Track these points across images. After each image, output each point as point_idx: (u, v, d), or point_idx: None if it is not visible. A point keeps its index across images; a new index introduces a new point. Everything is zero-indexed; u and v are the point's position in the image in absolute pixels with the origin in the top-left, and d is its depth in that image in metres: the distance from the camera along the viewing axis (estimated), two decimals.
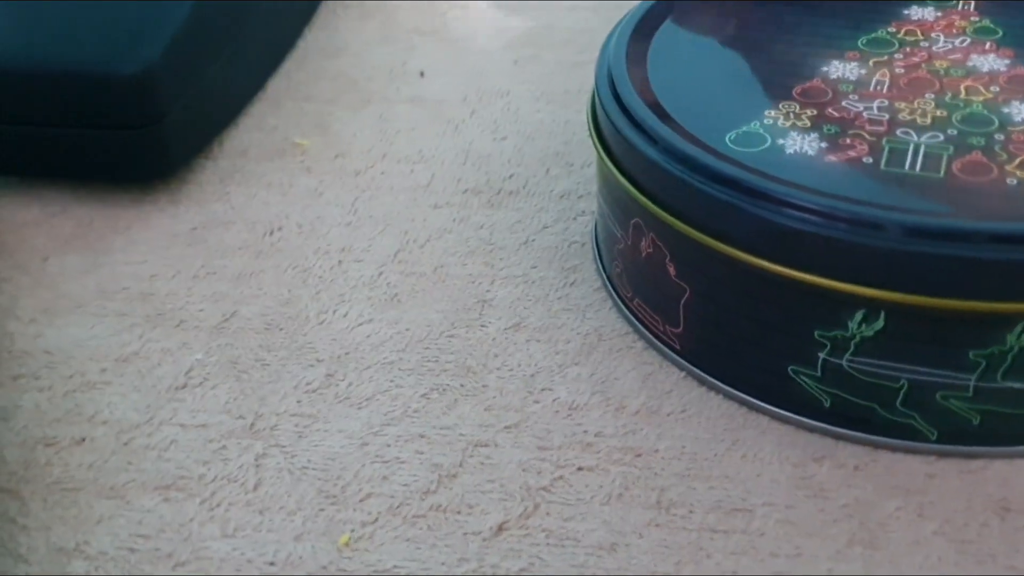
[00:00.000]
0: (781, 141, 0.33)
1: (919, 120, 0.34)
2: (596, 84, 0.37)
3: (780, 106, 0.35)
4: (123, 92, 0.43)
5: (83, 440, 0.35)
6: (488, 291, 0.40)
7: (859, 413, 0.32)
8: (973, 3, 0.40)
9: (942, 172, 0.31)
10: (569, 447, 0.34)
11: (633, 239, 0.35)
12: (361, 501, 0.32)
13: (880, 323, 0.30)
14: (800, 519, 0.31)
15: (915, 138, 0.33)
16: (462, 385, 0.36)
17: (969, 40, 0.38)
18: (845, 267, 0.30)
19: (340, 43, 0.57)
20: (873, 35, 0.38)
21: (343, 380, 0.36)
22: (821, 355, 0.31)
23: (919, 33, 0.39)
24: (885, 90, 0.35)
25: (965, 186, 0.31)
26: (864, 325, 0.30)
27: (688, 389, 0.35)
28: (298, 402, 0.36)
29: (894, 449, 0.32)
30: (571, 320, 0.38)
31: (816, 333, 0.31)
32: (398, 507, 0.32)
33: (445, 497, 0.32)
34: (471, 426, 0.35)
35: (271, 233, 0.43)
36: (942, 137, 0.33)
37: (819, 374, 0.31)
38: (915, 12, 0.40)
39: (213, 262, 0.42)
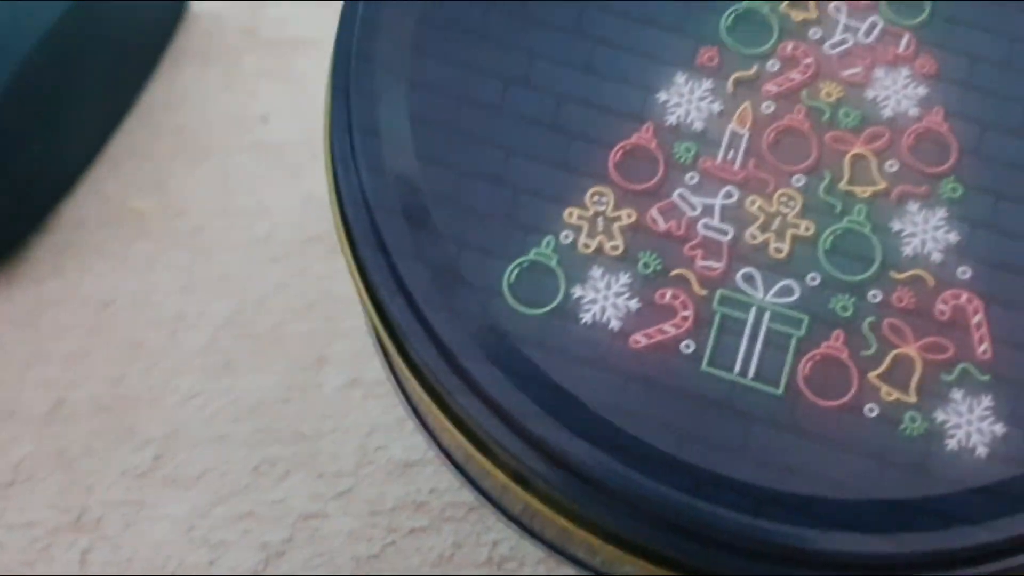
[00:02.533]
0: (578, 292, 0.23)
1: (773, 249, 0.23)
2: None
3: (588, 198, 0.24)
4: None
5: None
6: (326, 347, 0.39)
7: None
8: None
9: (782, 384, 0.22)
10: (402, 509, 0.33)
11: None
12: None
13: None
14: None
15: (759, 295, 0.23)
16: (294, 454, 0.35)
17: (880, 27, 0.25)
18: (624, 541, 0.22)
19: (182, 94, 0.55)
20: (745, 5, 0.25)
21: (171, 461, 0.36)
22: None
23: (812, 7, 0.25)
24: (739, 161, 0.24)
25: (808, 420, 0.22)
26: None
27: None
28: (126, 488, 0.35)
29: None
30: None
31: None
32: None
33: None
34: (301, 498, 0.34)
35: (104, 307, 0.42)
36: (797, 293, 0.23)
37: None
38: None
39: (45, 345, 0.41)
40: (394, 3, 0.26)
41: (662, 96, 0.24)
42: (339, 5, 0.61)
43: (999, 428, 0.22)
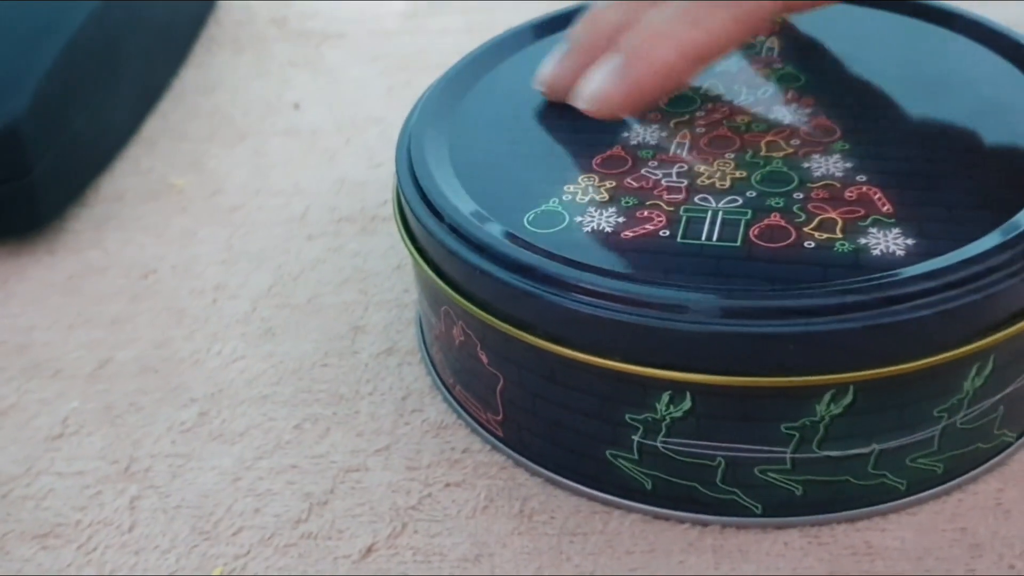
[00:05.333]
0: (579, 218, 0.33)
1: (718, 184, 0.34)
2: (396, 160, 0.36)
3: (580, 180, 0.34)
4: None
5: None
6: (361, 318, 0.41)
7: (681, 493, 0.32)
8: (776, 49, 0.40)
9: (739, 240, 0.31)
10: (437, 465, 0.35)
11: (445, 326, 0.34)
12: (234, 535, 0.33)
13: (687, 404, 0.30)
14: (658, 518, 0.32)
15: (713, 204, 0.33)
16: (334, 413, 0.37)
17: (771, 90, 0.38)
18: (643, 350, 0.29)
19: (215, 79, 0.57)
20: (675, 92, 0.38)
21: (217, 418, 0.37)
22: (635, 438, 0.31)
23: (722, 87, 0.39)
24: (685, 153, 0.35)
25: (763, 254, 0.31)
26: (672, 407, 0.30)
27: None
28: (172, 442, 0.36)
29: (724, 526, 0.32)
30: None
31: (627, 416, 0.31)
32: (270, 538, 0.33)
33: (316, 525, 0.33)
34: (342, 453, 0.35)
35: (146, 276, 0.44)
36: (740, 201, 0.33)
37: (636, 457, 0.31)
38: (719, 63, 0.39)
39: (89, 309, 0.43)
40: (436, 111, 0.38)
41: (625, 133, 0.37)
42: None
43: (910, 241, 0.31)
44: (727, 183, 0.34)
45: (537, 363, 0.31)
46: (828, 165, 0.34)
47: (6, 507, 0.35)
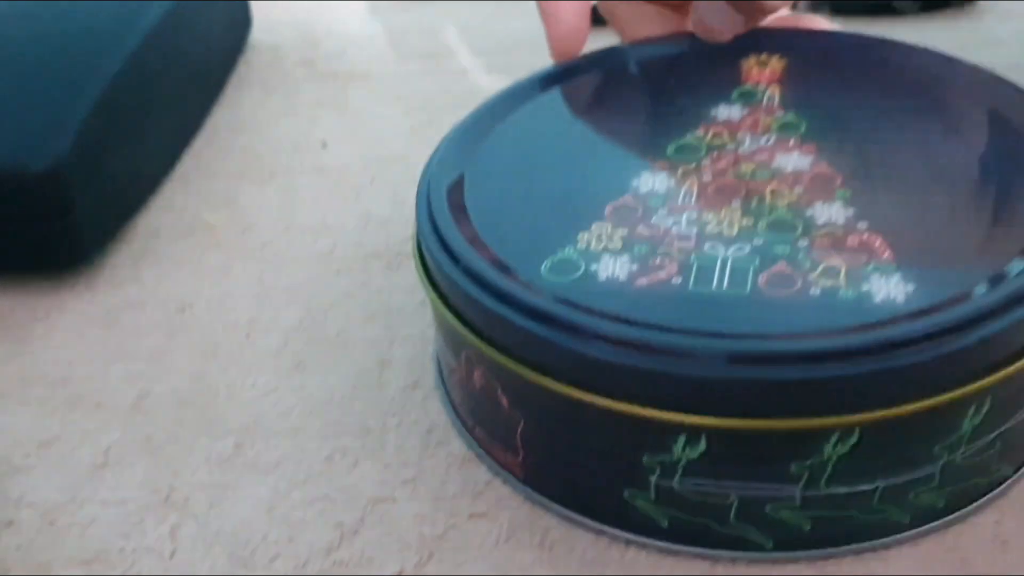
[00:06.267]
0: (594, 267, 0.34)
1: (726, 231, 0.35)
2: (416, 207, 0.38)
3: (593, 227, 0.36)
4: (33, 188, 0.45)
5: (11, 523, 0.37)
6: (387, 352, 0.43)
7: (696, 529, 0.33)
8: (777, 97, 0.41)
9: (748, 288, 0.33)
10: (462, 497, 0.37)
11: (466, 369, 0.36)
12: (270, 562, 0.35)
13: (702, 446, 0.31)
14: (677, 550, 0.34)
15: (722, 252, 0.34)
16: (363, 445, 0.39)
17: (774, 138, 0.40)
18: (660, 395, 0.31)
19: (246, 119, 0.59)
20: (682, 141, 0.40)
21: (251, 449, 0.39)
22: (652, 479, 0.32)
23: (726, 135, 0.40)
24: (693, 201, 0.37)
25: (771, 301, 0.32)
26: (688, 449, 0.31)
27: None
28: (210, 473, 0.38)
29: (734, 560, 0.34)
30: None
31: (644, 458, 0.32)
32: (304, 565, 0.35)
33: (347, 552, 0.35)
34: (371, 483, 0.37)
35: (182, 311, 0.46)
36: (748, 248, 0.34)
37: (654, 496, 0.33)
38: (722, 112, 0.41)
39: (127, 343, 0.45)
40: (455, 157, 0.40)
41: (635, 182, 0.38)
42: (389, 40, 0.65)
43: (910, 287, 0.32)
44: (735, 230, 0.35)
45: (557, 407, 0.33)
46: (830, 213, 0.36)
47: (53, 534, 0.37)
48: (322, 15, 0.70)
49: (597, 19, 0.46)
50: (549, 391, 0.32)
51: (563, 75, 0.44)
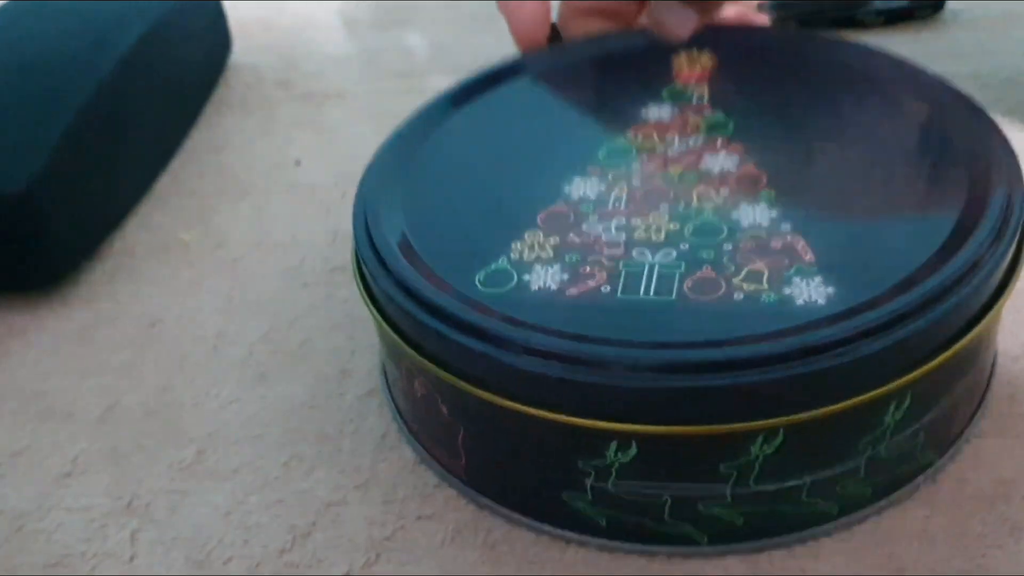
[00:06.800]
0: (527, 277, 0.35)
1: (653, 237, 0.36)
2: (353, 222, 0.38)
3: (525, 236, 0.36)
4: (6, 210, 0.47)
5: None
6: (348, 362, 0.44)
7: (632, 527, 0.34)
8: (707, 95, 0.43)
9: (674, 294, 0.34)
10: (411, 499, 0.38)
11: (406, 380, 0.37)
12: (224, 564, 0.36)
13: (633, 451, 0.32)
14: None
15: (649, 258, 0.35)
16: (319, 452, 0.40)
17: (703, 139, 0.40)
18: (590, 405, 0.32)
19: (224, 139, 0.61)
20: (613, 145, 0.41)
21: (212, 456, 0.40)
22: (588, 481, 0.33)
23: (656, 137, 0.41)
24: (623, 206, 0.37)
25: (696, 306, 0.33)
26: (619, 454, 0.32)
27: None
28: (171, 480, 0.40)
29: (670, 555, 0.35)
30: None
31: (579, 463, 0.33)
32: (256, 566, 0.36)
33: (299, 554, 0.36)
34: (325, 488, 0.38)
35: (153, 326, 0.47)
36: (675, 254, 0.35)
37: (590, 497, 0.34)
38: (653, 112, 0.42)
39: (100, 357, 0.46)
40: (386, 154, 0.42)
41: (567, 188, 0.39)
42: (365, 61, 0.66)
43: (830, 289, 0.33)
44: (662, 236, 0.36)
45: (493, 416, 0.34)
46: (755, 214, 0.36)
47: (20, 540, 0.38)
48: (301, 37, 0.72)
49: (556, 37, 0.47)
50: (484, 402, 0.33)
51: (500, 77, 0.45)
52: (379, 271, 0.36)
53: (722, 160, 0.39)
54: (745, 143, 0.40)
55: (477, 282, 0.35)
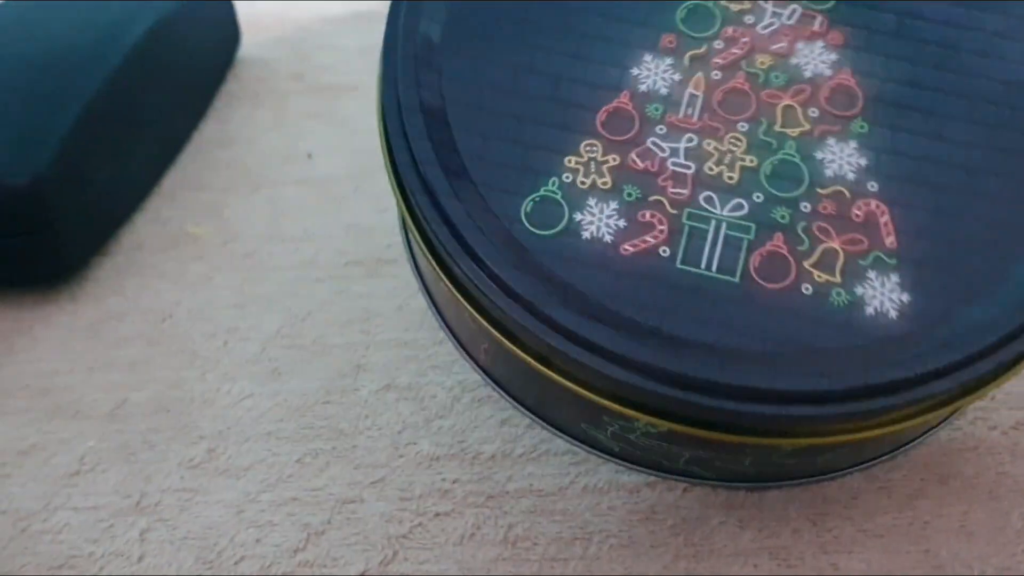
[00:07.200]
0: (579, 217, 0.30)
1: (726, 177, 0.30)
2: (385, 116, 0.32)
3: (582, 148, 0.31)
4: (13, 202, 0.46)
5: None
6: (363, 357, 0.43)
7: (647, 463, 0.32)
8: None
9: (738, 274, 0.29)
10: (429, 496, 0.37)
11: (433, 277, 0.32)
12: (235, 564, 0.35)
13: (663, 430, 0.29)
14: (632, 541, 0.34)
15: (718, 210, 0.30)
16: (334, 448, 0.39)
17: (799, 12, 0.32)
18: (622, 394, 0.29)
19: (234, 133, 0.60)
20: (695, 2, 0.33)
21: (224, 454, 0.39)
22: (610, 429, 0.31)
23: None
24: (696, 115, 0.31)
25: (759, 297, 0.29)
26: (649, 428, 0.29)
27: (538, 430, 0.38)
28: (181, 478, 0.38)
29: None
30: (438, 377, 0.41)
31: (604, 418, 0.30)
32: (269, 566, 0.35)
33: (312, 553, 0.35)
34: (340, 485, 0.37)
35: (163, 321, 0.46)
36: (746, 208, 0.30)
37: (608, 436, 0.31)
38: None
39: (109, 353, 0.45)
40: (427, 12, 0.33)
41: (635, 71, 0.32)
42: (376, 55, 0.66)
43: (905, 297, 0.29)
44: (735, 176, 0.30)
45: (522, 365, 0.30)
46: (842, 159, 0.31)
47: (25, 541, 0.37)
48: (313, 29, 0.71)
49: None
50: (518, 358, 0.30)
51: None
52: (424, 200, 0.30)
53: (817, 55, 0.32)
54: (847, 31, 0.32)
55: (523, 216, 0.30)
